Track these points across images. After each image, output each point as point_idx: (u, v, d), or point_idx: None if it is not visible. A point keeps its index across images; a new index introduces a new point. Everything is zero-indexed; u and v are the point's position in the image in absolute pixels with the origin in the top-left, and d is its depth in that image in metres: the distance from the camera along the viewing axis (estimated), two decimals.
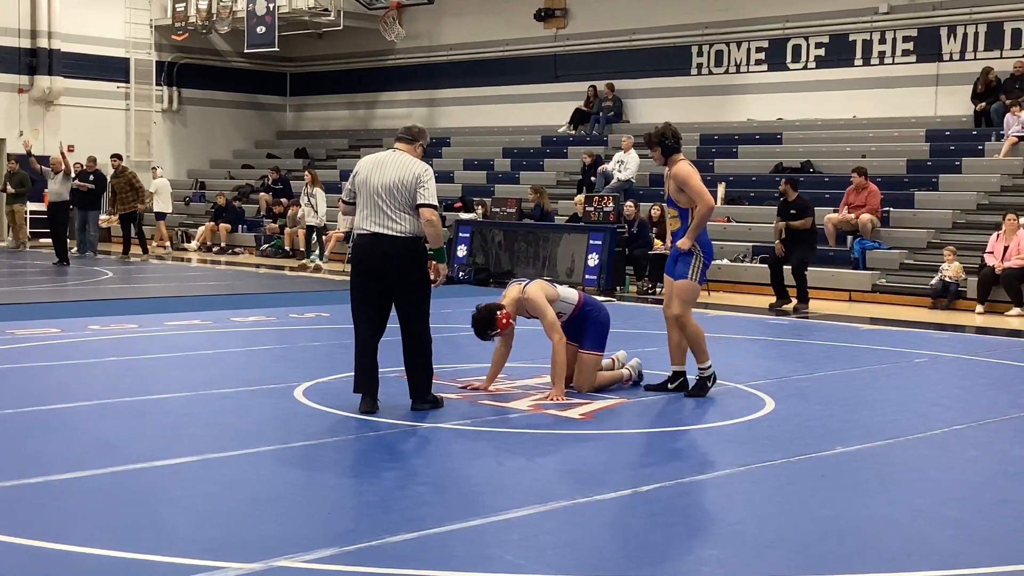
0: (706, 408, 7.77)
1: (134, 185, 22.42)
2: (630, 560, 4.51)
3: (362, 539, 4.61)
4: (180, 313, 12.79)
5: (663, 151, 8.14)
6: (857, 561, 4.56)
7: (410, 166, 7.20)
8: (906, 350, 11.23)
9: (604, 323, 8.29)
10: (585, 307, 8.22)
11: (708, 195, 7.97)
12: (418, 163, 7.27)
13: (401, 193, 7.12)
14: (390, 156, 7.31)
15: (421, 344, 7.31)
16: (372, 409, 7.20)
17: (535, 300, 7.95)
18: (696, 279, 8.05)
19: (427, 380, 7.38)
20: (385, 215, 7.14)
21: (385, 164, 7.24)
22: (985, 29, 20.27)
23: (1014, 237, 15.24)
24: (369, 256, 7.23)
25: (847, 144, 20.83)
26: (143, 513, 5.02)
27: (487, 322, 7.86)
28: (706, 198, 7.92)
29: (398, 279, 7.22)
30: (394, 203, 7.13)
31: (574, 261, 17.61)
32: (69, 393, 7.80)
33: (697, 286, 8.13)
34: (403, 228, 7.14)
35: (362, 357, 7.26)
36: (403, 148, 7.36)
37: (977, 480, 6.04)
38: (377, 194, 7.15)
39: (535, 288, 8.04)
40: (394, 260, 7.16)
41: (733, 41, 23.34)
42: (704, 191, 7.94)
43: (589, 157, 21.33)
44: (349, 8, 27.51)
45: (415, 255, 7.22)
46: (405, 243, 7.16)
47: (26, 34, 27.22)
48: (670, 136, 8.13)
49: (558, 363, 7.84)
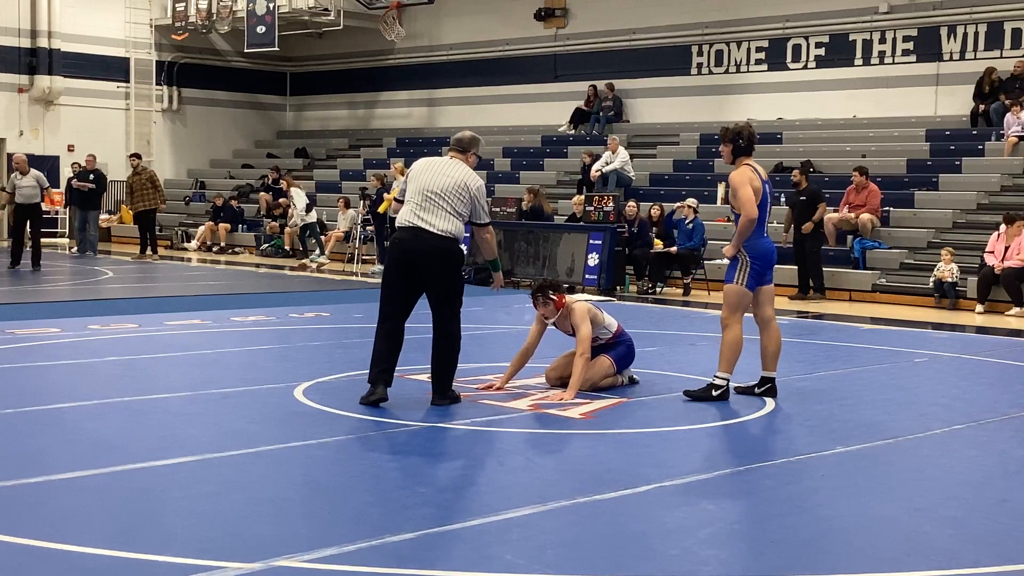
0: (706, 408, 7.76)
1: (155, 183, 22.58)
2: (630, 560, 4.50)
3: (362, 539, 4.61)
4: (180, 313, 12.79)
5: (733, 150, 8.05)
6: (857, 561, 4.56)
7: (466, 177, 7.44)
8: (906, 350, 11.23)
9: (631, 352, 8.48)
10: (621, 336, 8.48)
11: (753, 207, 7.78)
12: (474, 176, 7.51)
13: (451, 196, 7.34)
14: (445, 162, 7.58)
15: (450, 340, 7.48)
16: (381, 398, 7.30)
17: (579, 313, 8.13)
18: (743, 283, 7.91)
19: (450, 376, 7.54)
20: (430, 211, 7.33)
21: (440, 167, 7.50)
22: (985, 29, 20.28)
23: (1016, 238, 15.23)
24: (406, 250, 7.41)
25: (847, 144, 20.83)
26: (143, 513, 5.02)
27: (551, 287, 8.22)
28: (748, 209, 7.77)
29: (432, 276, 7.39)
30: (442, 203, 7.33)
31: (574, 261, 17.61)
32: (69, 393, 7.80)
33: (744, 290, 7.93)
34: (444, 228, 7.32)
35: (382, 344, 7.41)
36: (457, 157, 7.60)
37: (976, 480, 6.04)
38: (426, 192, 7.37)
39: (583, 305, 8.27)
40: (430, 256, 7.34)
41: (733, 41, 23.35)
42: (749, 202, 7.77)
43: (589, 157, 21.33)
44: (349, 8, 27.52)
45: (450, 255, 7.37)
46: (443, 241, 7.33)
47: (26, 34, 27.23)
48: (745, 137, 8.02)
49: (577, 375, 7.94)
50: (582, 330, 8.06)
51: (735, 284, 7.95)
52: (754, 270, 7.92)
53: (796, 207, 16.77)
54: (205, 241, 25.01)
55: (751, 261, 7.90)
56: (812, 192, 16.71)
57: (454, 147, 7.67)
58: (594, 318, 8.25)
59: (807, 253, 16.55)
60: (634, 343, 8.58)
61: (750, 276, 7.92)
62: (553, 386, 8.25)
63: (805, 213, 16.59)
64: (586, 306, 8.30)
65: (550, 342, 8.51)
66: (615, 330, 8.45)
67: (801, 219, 16.60)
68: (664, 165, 22.50)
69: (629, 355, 8.49)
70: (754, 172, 7.94)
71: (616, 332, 8.45)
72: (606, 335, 8.38)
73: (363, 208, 21.00)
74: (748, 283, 7.93)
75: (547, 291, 8.22)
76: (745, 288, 7.93)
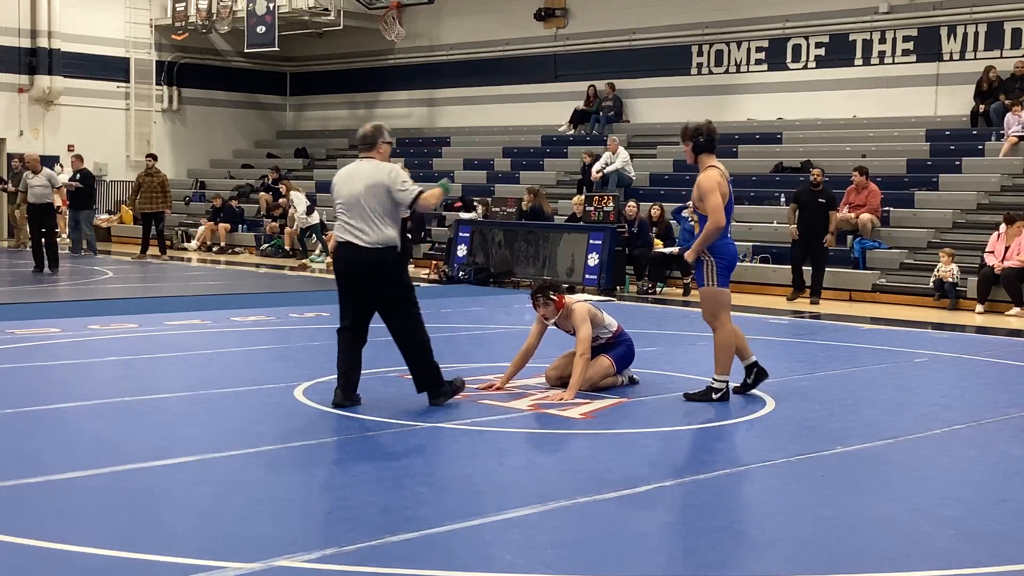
0: (706, 408, 7.76)
1: (164, 188, 22.65)
2: (630, 560, 4.50)
3: (362, 539, 4.61)
4: (180, 313, 12.79)
5: (694, 147, 8.07)
6: (857, 561, 4.56)
7: (376, 173, 7.24)
8: (906, 350, 11.23)
9: (631, 352, 8.49)
10: (620, 336, 8.48)
11: (721, 215, 7.80)
12: (385, 168, 7.30)
13: (370, 199, 7.17)
14: (356, 166, 7.39)
15: (417, 347, 7.38)
16: (344, 403, 7.28)
17: (579, 314, 8.12)
18: (714, 284, 7.94)
19: (434, 374, 7.46)
20: (357, 223, 7.21)
21: (353, 174, 7.33)
22: (985, 29, 20.28)
23: (1016, 238, 15.23)
24: (345, 266, 7.35)
25: (847, 144, 20.83)
26: (142, 513, 5.02)
27: (551, 287, 8.21)
28: (718, 217, 7.78)
29: (370, 289, 7.30)
30: (365, 211, 7.18)
31: (574, 261, 17.61)
32: (69, 393, 7.81)
33: (718, 290, 7.94)
34: (372, 240, 7.19)
35: (340, 356, 7.40)
36: (367, 156, 7.39)
37: (976, 480, 6.04)
38: (349, 204, 7.23)
39: (583, 306, 8.25)
40: (366, 270, 7.24)
41: (733, 41, 23.34)
42: (718, 209, 7.77)
43: (589, 157, 21.33)
44: (349, 8, 27.51)
45: (385, 266, 7.24)
46: (374, 254, 7.20)
47: (26, 34, 27.23)
48: (704, 133, 8.05)
49: (577, 375, 7.93)
50: (582, 331, 8.06)
51: (707, 286, 7.98)
52: (721, 267, 7.97)
53: (810, 207, 16.12)
54: (205, 241, 25.01)
55: (716, 261, 7.95)
56: (830, 195, 16.24)
57: (360, 147, 7.45)
58: (594, 318, 8.25)
59: (816, 255, 16.12)
60: (634, 343, 8.58)
61: (718, 275, 7.96)
62: (553, 386, 8.25)
63: (819, 214, 16.05)
64: (586, 307, 8.30)
65: (550, 342, 8.51)
66: (615, 330, 8.46)
67: (813, 218, 16.03)
68: (664, 165, 22.49)
69: (629, 355, 8.49)
70: (722, 176, 7.96)
71: (616, 332, 8.45)
72: (606, 335, 8.38)
73: None
74: (720, 282, 7.97)
75: (547, 292, 8.21)
76: (719, 287, 7.96)
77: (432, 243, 21.70)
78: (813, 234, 16.09)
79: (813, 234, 16.09)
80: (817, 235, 16.07)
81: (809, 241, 16.15)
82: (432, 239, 21.80)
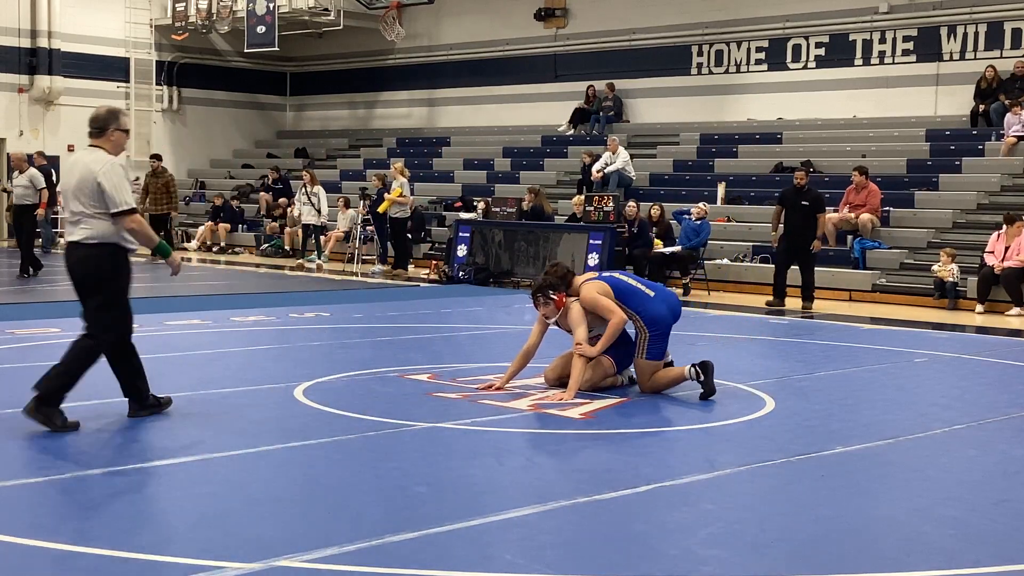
0: (706, 408, 7.77)
1: (170, 189, 22.58)
2: (630, 560, 4.50)
3: (362, 539, 4.61)
4: (180, 313, 12.79)
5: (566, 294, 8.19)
6: (857, 561, 4.56)
7: (91, 164, 6.56)
8: (906, 350, 11.23)
9: (631, 352, 8.43)
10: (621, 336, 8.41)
11: (616, 310, 8.00)
12: (103, 160, 6.59)
13: (80, 195, 6.55)
14: (78, 156, 6.77)
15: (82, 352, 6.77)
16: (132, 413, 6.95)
17: (575, 314, 8.10)
18: (643, 356, 8.11)
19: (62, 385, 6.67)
20: (71, 218, 6.64)
21: (74, 166, 6.68)
22: (985, 29, 20.29)
23: (1016, 238, 15.22)
24: (66, 267, 6.80)
25: (847, 144, 20.83)
26: (143, 513, 5.02)
27: (551, 286, 8.16)
28: (616, 316, 7.97)
29: (77, 287, 6.77)
30: (76, 206, 6.56)
31: (574, 261, 17.59)
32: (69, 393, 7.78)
33: (649, 363, 8.12)
34: (78, 236, 6.59)
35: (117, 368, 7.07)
36: (94, 144, 6.72)
37: (976, 480, 6.04)
38: (66, 199, 6.65)
39: (579, 306, 8.22)
40: (72, 267, 6.69)
41: (733, 41, 23.35)
42: (609, 308, 7.99)
43: (589, 157, 21.33)
44: (349, 8, 27.52)
45: (87, 262, 6.63)
46: (81, 249, 6.61)
47: (26, 34, 27.23)
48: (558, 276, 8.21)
49: (576, 376, 7.92)
50: (578, 333, 8.02)
51: (640, 359, 8.14)
52: (654, 337, 8.10)
53: (795, 209, 15.17)
54: (205, 241, 25.02)
55: (648, 331, 8.10)
56: (815, 197, 15.20)
57: (90, 132, 6.71)
58: (596, 309, 8.12)
59: (804, 259, 15.24)
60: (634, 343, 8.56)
61: (649, 346, 8.10)
62: (552, 386, 8.24)
63: (803, 216, 15.12)
64: (580, 307, 8.14)
65: (550, 342, 8.50)
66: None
67: (799, 222, 15.15)
68: (664, 165, 22.50)
69: (629, 355, 8.48)
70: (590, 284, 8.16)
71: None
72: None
73: (363, 208, 21.00)
74: (649, 353, 8.10)
75: (547, 291, 8.19)
76: (648, 360, 8.11)
77: (432, 243, 21.71)
78: (798, 236, 15.16)
79: (798, 236, 15.16)
80: (802, 237, 15.13)
81: (794, 243, 15.25)
82: (432, 239, 21.82)
